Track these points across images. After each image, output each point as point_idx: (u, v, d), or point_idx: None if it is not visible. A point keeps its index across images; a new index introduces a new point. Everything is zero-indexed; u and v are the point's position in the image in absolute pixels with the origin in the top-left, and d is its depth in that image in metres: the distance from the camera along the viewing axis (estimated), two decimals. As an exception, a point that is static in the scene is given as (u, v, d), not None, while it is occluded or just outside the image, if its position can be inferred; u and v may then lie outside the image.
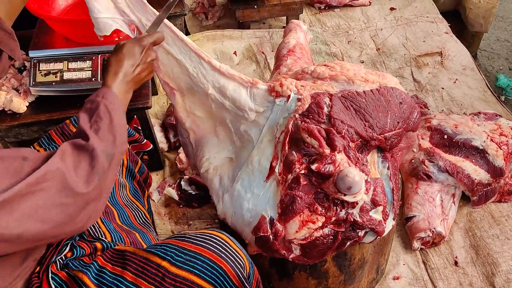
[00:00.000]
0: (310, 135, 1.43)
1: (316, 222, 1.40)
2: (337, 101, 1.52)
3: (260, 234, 1.42)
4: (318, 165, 1.38)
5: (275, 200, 1.43)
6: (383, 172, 1.52)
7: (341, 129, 1.46)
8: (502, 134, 2.18)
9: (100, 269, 1.21)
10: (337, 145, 1.40)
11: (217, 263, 1.16)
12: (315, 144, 1.41)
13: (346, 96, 1.55)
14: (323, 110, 1.49)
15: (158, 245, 1.21)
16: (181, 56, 1.54)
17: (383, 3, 3.41)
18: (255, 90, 1.57)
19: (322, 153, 1.40)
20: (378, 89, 1.59)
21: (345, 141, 1.43)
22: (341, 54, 3.01)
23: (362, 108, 1.53)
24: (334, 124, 1.46)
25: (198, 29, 3.25)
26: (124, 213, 1.53)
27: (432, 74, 2.87)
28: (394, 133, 1.54)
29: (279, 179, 1.45)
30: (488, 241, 2.03)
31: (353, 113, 1.52)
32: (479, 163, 2.10)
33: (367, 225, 1.41)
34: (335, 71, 1.64)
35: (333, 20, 3.30)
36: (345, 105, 1.53)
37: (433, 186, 2.08)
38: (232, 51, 3.01)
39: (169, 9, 1.48)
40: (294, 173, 1.42)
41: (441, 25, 3.20)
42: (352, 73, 1.64)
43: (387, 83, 1.63)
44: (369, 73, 1.66)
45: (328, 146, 1.41)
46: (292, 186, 1.41)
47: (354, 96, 1.55)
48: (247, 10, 3.03)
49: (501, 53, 3.51)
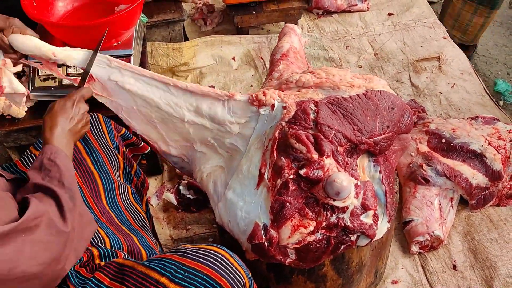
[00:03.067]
0: (298, 140, 1.42)
1: (308, 226, 1.39)
2: (323, 107, 1.50)
3: (255, 241, 1.41)
4: (306, 170, 1.38)
5: (267, 206, 1.42)
6: (374, 176, 1.52)
7: (328, 134, 1.45)
8: (500, 138, 2.19)
9: (98, 284, 1.21)
10: (325, 150, 1.40)
11: (217, 281, 1.15)
12: (303, 150, 1.41)
13: (332, 102, 1.52)
14: (309, 116, 1.48)
15: (158, 260, 1.21)
16: (148, 90, 1.55)
17: (381, 9, 3.43)
18: (233, 102, 1.56)
19: (311, 159, 1.39)
20: (364, 93, 1.57)
21: (333, 145, 1.42)
22: (339, 59, 3.02)
23: (349, 113, 1.51)
24: (321, 129, 1.45)
25: (197, 34, 3.26)
26: (123, 216, 1.53)
27: (430, 78, 2.88)
28: (383, 137, 1.52)
29: (269, 185, 1.44)
30: (487, 244, 2.03)
31: (340, 117, 1.50)
32: (477, 167, 2.10)
33: (358, 230, 1.41)
34: (320, 78, 1.62)
35: (331, 25, 3.31)
36: (332, 110, 1.51)
37: (431, 190, 2.09)
38: (231, 57, 3.03)
39: (95, 55, 1.55)
40: (283, 178, 1.41)
41: (438, 30, 3.21)
42: (337, 78, 1.61)
43: (374, 86, 1.60)
44: (355, 78, 1.63)
45: (317, 151, 1.41)
46: (281, 192, 1.40)
47: (340, 102, 1.52)
48: (246, 16, 3.04)
49: (499, 58, 3.52)
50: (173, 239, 2.11)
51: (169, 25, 2.81)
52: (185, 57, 2.92)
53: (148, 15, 2.66)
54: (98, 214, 1.46)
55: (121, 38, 2.06)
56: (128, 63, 1.60)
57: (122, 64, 1.56)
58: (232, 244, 1.63)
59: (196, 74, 2.94)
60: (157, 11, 2.75)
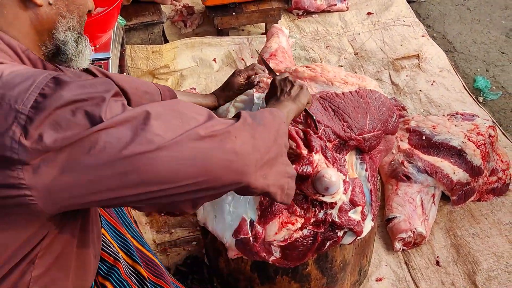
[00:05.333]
0: (288, 136, 1.43)
1: (295, 223, 1.39)
2: (315, 102, 1.53)
3: (241, 236, 1.41)
4: (295, 166, 1.38)
5: (255, 202, 1.42)
6: (361, 174, 1.53)
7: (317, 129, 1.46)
8: (479, 133, 2.21)
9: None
10: (314, 146, 1.40)
11: None
12: (292, 145, 1.41)
13: (325, 97, 1.56)
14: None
15: None
16: None
17: (360, 8, 3.45)
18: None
19: (300, 154, 1.40)
20: (357, 91, 1.60)
21: (322, 141, 1.43)
22: (320, 59, 3.03)
23: (340, 109, 1.54)
24: (310, 124, 1.47)
25: (177, 37, 3.24)
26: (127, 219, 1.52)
27: (409, 76, 2.90)
28: (373, 135, 1.55)
29: None
30: (469, 239, 2.05)
31: (331, 113, 1.53)
32: (458, 163, 2.12)
33: (346, 225, 1.41)
34: (315, 72, 1.65)
35: (312, 25, 3.32)
36: (323, 105, 1.54)
37: (413, 187, 2.10)
38: (212, 58, 3.01)
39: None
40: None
41: (417, 29, 3.24)
42: (332, 75, 1.65)
43: (367, 85, 1.65)
44: (349, 76, 1.67)
45: (306, 147, 1.41)
46: (270, 188, 1.40)
47: (332, 97, 1.56)
48: (226, 17, 3.04)
49: (478, 55, 3.56)
50: (156, 243, 2.09)
51: (148, 28, 2.79)
52: (165, 60, 2.90)
53: (127, 18, 2.64)
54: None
55: (99, 42, 2.03)
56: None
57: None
58: (214, 246, 1.63)
59: (176, 77, 2.92)
60: (135, 14, 2.73)
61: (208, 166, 0.91)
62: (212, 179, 0.92)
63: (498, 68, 3.45)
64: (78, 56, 1.06)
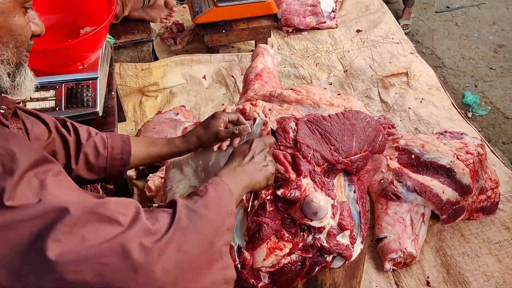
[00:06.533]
0: (276, 160, 1.43)
1: (284, 248, 1.38)
2: (303, 126, 1.53)
3: (228, 263, 1.39)
4: (284, 191, 1.38)
5: (242, 228, 1.41)
6: (349, 196, 1.52)
7: (307, 153, 1.46)
8: (468, 152, 2.21)
9: None
10: (303, 170, 1.40)
11: None
12: (280, 170, 1.41)
13: (312, 120, 1.56)
14: (289, 134, 1.51)
15: None
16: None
17: (349, 26, 3.47)
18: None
19: (288, 178, 1.39)
20: (343, 112, 1.61)
21: (311, 165, 1.43)
22: (309, 77, 3.04)
23: (327, 132, 1.54)
24: (300, 149, 1.47)
25: (167, 54, 3.24)
26: None
27: (398, 94, 2.91)
28: (359, 156, 1.55)
29: (246, 206, 1.43)
30: (459, 259, 2.05)
31: (318, 137, 1.53)
32: (447, 182, 2.12)
33: (335, 250, 1.40)
34: (301, 95, 1.66)
35: (301, 43, 3.34)
36: (311, 129, 1.54)
37: (402, 206, 2.10)
38: (202, 75, 3.01)
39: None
40: (261, 199, 1.41)
41: (406, 46, 3.27)
42: (318, 97, 1.66)
43: (352, 106, 1.66)
44: (334, 97, 1.68)
45: (294, 171, 1.41)
46: (258, 213, 1.40)
47: (319, 120, 1.56)
48: (215, 35, 3.04)
49: (467, 70, 3.60)
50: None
51: (137, 46, 2.79)
52: (155, 77, 2.89)
53: (115, 36, 2.64)
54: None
55: (87, 61, 2.03)
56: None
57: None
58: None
59: (166, 94, 2.91)
60: (124, 32, 2.73)
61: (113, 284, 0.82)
62: None
63: (486, 83, 3.49)
64: (15, 90, 0.99)
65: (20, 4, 0.96)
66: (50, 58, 1.91)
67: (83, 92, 1.93)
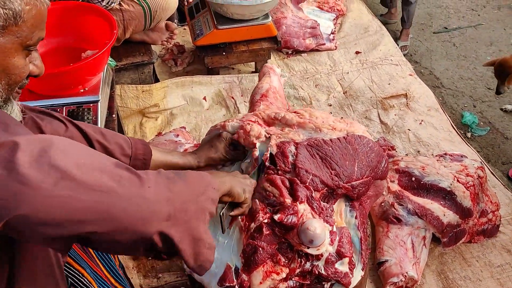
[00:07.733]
0: (271, 184, 1.42)
1: (280, 273, 1.37)
2: (303, 150, 1.52)
3: (226, 284, 1.39)
4: (280, 216, 1.37)
5: (239, 248, 1.41)
6: (351, 222, 1.51)
7: (305, 178, 1.45)
8: (468, 175, 2.21)
9: None
10: (300, 196, 1.39)
11: None
12: (276, 194, 1.40)
13: (312, 145, 1.55)
14: (288, 159, 1.49)
15: None
16: None
17: (348, 47, 3.50)
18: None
19: (283, 203, 1.39)
20: (345, 137, 1.59)
21: (309, 191, 1.42)
22: (309, 98, 3.05)
23: (328, 156, 1.53)
24: (298, 174, 1.45)
25: (168, 75, 3.26)
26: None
27: (398, 115, 2.93)
28: (361, 182, 1.54)
29: (241, 224, 1.42)
30: (461, 283, 2.03)
31: (319, 161, 1.52)
32: (447, 205, 2.12)
33: (333, 278, 1.39)
34: (303, 118, 1.65)
35: (301, 64, 3.36)
36: (311, 153, 1.53)
37: (403, 229, 2.09)
38: (202, 97, 3.02)
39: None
40: (257, 222, 1.40)
41: (405, 67, 3.29)
42: (320, 121, 1.65)
43: (355, 131, 1.64)
44: (337, 121, 1.67)
45: (291, 196, 1.40)
46: (254, 236, 1.39)
47: (320, 145, 1.55)
48: (216, 57, 3.06)
49: (465, 91, 3.62)
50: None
51: (138, 68, 2.80)
52: (155, 99, 2.90)
53: (117, 59, 2.65)
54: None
55: (88, 84, 2.04)
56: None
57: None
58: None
59: (166, 115, 2.92)
60: (125, 54, 2.75)
61: (112, 209, 0.86)
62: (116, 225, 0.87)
63: (485, 103, 3.51)
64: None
65: (23, 46, 0.98)
66: (52, 81, 1.92)
67: (84, 115, 1.94)
